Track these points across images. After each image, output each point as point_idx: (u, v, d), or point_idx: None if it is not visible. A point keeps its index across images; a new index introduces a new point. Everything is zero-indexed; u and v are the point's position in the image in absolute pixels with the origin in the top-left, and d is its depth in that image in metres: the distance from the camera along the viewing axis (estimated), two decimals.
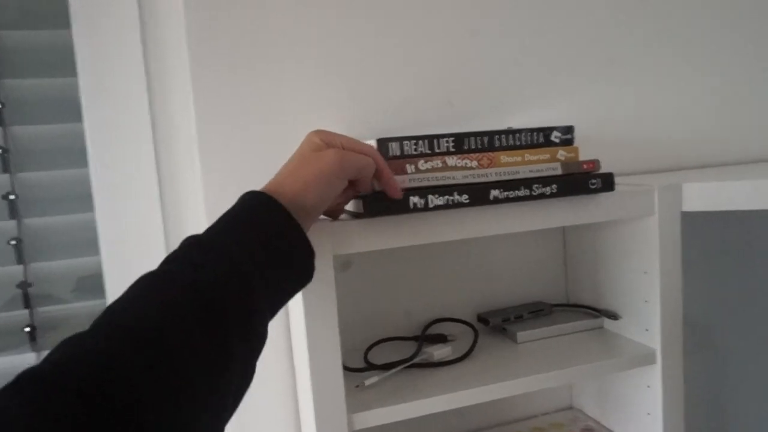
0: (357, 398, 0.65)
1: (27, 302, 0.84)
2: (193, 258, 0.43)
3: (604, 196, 0.68)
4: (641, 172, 0.98)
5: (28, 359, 0.83)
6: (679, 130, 1.00)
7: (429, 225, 0.62)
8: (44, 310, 0.84)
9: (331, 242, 0.59)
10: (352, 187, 0.56)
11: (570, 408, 0.97)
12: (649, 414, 0.77)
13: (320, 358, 0.60)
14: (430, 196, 0.59)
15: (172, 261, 0.43)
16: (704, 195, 0.71)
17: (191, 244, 0.45)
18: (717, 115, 1.02)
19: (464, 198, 0.60)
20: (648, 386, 0.77)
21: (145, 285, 0.41)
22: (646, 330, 0.76)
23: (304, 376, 0.64)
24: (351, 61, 0.82)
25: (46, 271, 0.84)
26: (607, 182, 0.66)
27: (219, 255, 0.43)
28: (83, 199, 0.81)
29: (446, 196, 0.59)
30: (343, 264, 0.61)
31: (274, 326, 0.78)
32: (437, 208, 0.59)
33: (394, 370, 0.71)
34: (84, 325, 0.37)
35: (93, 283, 0.84)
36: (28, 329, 0.84)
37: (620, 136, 0.96)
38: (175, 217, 0.82)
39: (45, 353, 0.37)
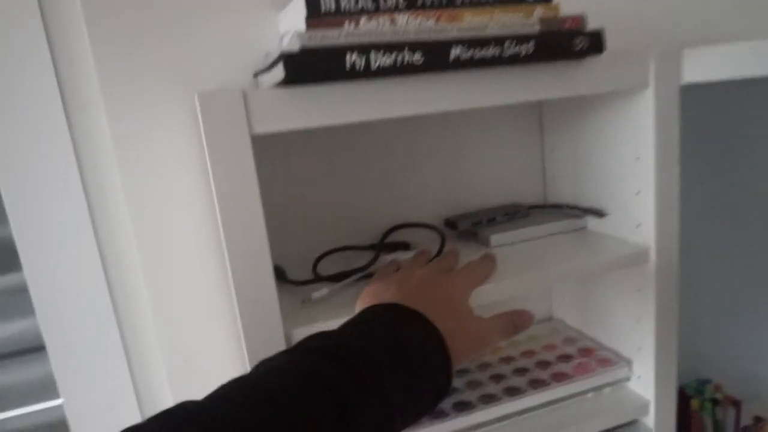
0: (301, 314, 0.55)
1: None
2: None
3: (591, 62, 0.56)
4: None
5: None
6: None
7: (373, 95, 0.49)
8: None
9: (246, 119, 0.46)
10: None
11: (550, 319, 0.89)
12: (639, 320, 0.69)
13: (243, 263, 0.48)
14: (373, 53, 0.46)
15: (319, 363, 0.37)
16: (708, 62, 0.59)
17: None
18: None
19: (417, 57, 0.47)
20: (639, 290, 0.67)
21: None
22: (638, 226, 0.66)
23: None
24: None
25: None
26: (596, 42, 0.53)
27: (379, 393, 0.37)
28: None
29: (394, 54, 0.46)
30: None
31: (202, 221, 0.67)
32: (383, 71, 0.46)
33: (345, 282, 0.61)
34: None
35: None
36: None
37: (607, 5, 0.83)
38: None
39: None
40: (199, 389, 0.36)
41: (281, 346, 0.51)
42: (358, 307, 0.51)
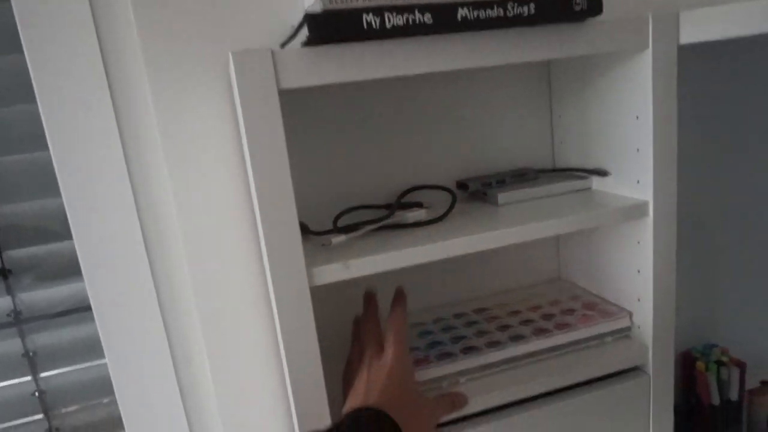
0: (321, 256, 0.61)
1: None
2: None
3: (592, 24, 0.60)
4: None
5: None
6: None
7: (388, 54, 0.54)
8: None
9: (274, 75, 0.51)
10: None
11: (558, 279, 0.93)
12: (639, 271, 0.73)
13: (271, 207, 0.54)
14: (387, 14, 0.51)
15: None
16: (705, 23, 0.63)
17: None
18: None
19: (427, 18, 0.52)
20: (638, 242, 0.72)
21: None
22: (638, 182, 0.70)
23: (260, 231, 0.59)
24: None
25: None
26: (594, 3, 0.58)
27: None
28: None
29: (406, 14, 0.51)
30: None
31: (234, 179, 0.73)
32: (396, 31, 0.51)
33: (362, 230, 0.66)
34: None
35: None
36: None
37: None
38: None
39: None
40: (231, 341, 0.41)
41: (304, 284, 0.57)
42: (347, 404, 0.61)
